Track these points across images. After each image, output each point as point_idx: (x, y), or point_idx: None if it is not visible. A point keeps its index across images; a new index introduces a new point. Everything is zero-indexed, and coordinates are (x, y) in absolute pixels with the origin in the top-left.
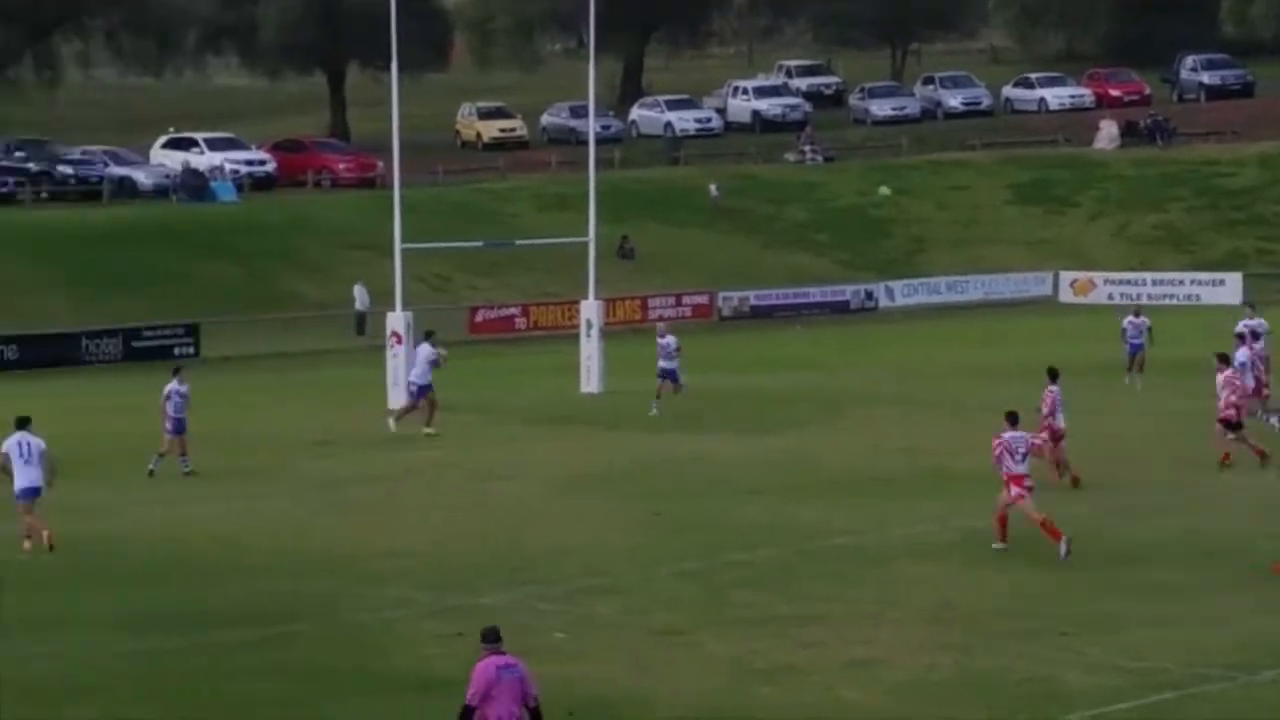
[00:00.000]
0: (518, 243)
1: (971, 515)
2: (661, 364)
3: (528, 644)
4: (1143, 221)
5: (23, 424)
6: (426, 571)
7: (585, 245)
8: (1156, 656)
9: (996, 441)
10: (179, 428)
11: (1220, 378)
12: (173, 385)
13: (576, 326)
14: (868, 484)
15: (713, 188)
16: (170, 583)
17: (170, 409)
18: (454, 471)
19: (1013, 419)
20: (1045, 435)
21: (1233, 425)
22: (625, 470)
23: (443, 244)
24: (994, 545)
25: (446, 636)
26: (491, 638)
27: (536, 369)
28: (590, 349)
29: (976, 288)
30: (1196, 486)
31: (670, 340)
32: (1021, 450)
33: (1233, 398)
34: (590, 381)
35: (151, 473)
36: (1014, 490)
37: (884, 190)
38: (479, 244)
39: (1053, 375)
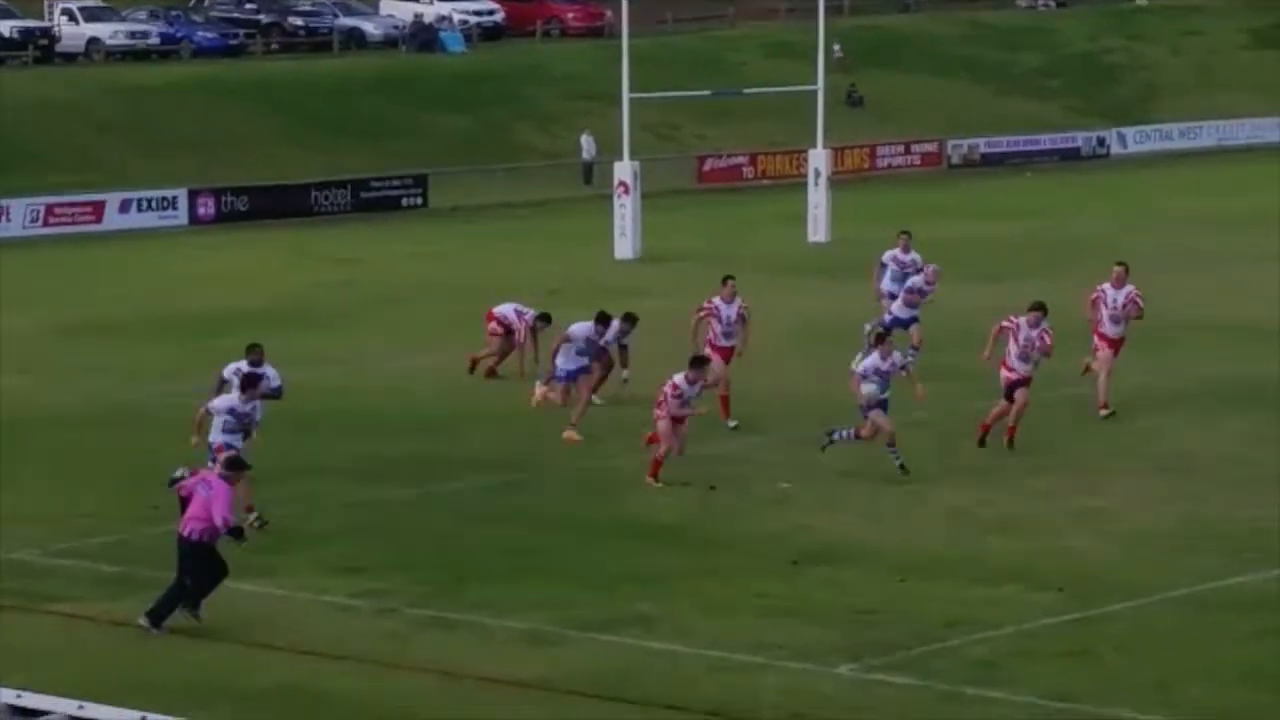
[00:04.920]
0: (746, 91)
1: (1205, 364)
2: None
3: (754, 493)
4: None
5: None
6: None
7: (814, 93)
8: None
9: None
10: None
11: None
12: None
13: (804, 175)
14: None
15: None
16: (401, 433)
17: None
18: (680, 321)
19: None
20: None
21: None
22: (855, 320)
23: (670, 93)
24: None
25: (675, 485)
26: (236, 465)
27: (764, 218)
28: (818, 198)
29: (1210, 134)
30: None
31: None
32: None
33: None
34: (818, 231)
35: None
36: None
37: None
38: (707, 93)
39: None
